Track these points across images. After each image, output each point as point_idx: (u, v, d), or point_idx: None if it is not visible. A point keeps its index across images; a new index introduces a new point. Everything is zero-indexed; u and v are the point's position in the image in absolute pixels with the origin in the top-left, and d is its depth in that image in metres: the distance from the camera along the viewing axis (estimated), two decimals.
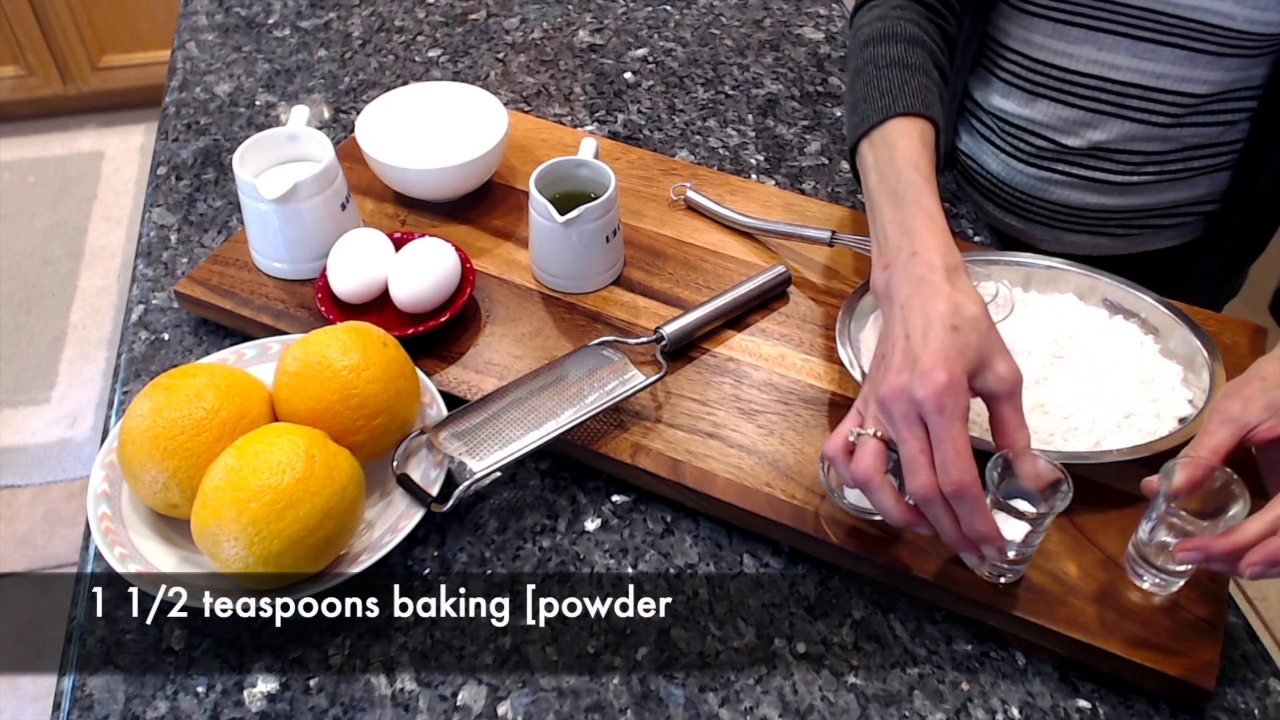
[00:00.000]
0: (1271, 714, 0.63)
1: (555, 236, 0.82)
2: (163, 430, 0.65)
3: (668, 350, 0.78)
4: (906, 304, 0.63)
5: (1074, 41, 0.85)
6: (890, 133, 0.74)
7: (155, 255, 0.92)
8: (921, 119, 0.74)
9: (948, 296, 0.62)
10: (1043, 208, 0.96)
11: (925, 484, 0.59)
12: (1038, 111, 0.90)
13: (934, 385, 0.58)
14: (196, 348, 0.84)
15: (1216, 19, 0.78)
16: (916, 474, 0.59)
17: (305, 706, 0.62)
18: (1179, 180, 0.91)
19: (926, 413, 0.59)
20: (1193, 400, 0.74)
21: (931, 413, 0.58)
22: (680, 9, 1.26)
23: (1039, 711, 0.63)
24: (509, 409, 0.72)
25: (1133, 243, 0.97)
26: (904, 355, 0.61)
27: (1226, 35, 0.79)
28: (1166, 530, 0.62)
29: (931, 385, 0.58)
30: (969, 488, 0.58)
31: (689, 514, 0.73)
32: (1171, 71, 0.83)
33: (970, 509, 0.58)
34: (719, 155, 1.04)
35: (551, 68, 1.17)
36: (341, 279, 0.80)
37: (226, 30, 1.23)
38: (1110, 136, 0.88)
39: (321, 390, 0.67)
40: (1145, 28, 0.82)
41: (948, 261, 0.65)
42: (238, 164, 0.83)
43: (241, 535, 0.60)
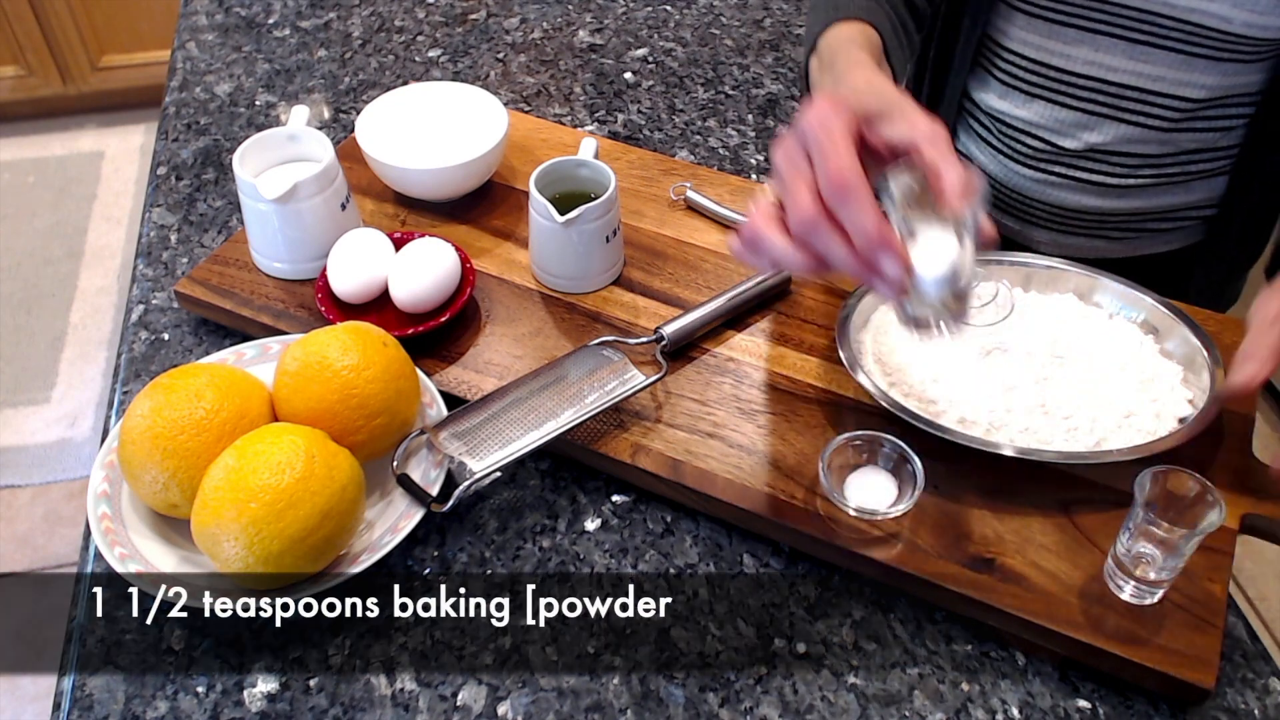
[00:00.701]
0: (1271, 714, 0.63)
1: (555, 236, 0.82)
2: (163, 430, 0.65)
3: (668, 350, 0.78)
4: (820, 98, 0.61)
5: (1071, 42, 0.85)
6: (833, 34, 0.74)
7: (155, 255, 0.92)
8: (862, 23, 0.75)
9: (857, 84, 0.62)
10: (1040, 210, 0.96)
11: (805, 203, 0.54)
12: (1034, 112, 0.90)
13: (815, 111, 0.55)
14: (196, 348, 0.84)
15: (1214, 22, 0.78)
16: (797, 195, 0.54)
17: (305, 706, 0.62)
18: (1175, 184, 0.91)
19: (808, 137, 0.55)
20: (1193, 400, 0.74)
21: (811, 132, 0.55)
22: (680, 9, 1.26)
23: (1039, 711, 0.63)
24: (509, 409, 0.72)
25: (1130, 246, 0.97)
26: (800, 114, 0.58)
27: (1223, 39, 0.79)
28: (1145, 540, 0.62)
29: (813, 112, 0.56)
30: (849, 179, 0.53)
31: (689, 514, 0.73)
32: (1168, 75, 0.83)
33: (856, 208, 0.53)
34: (719, 155, 1.04)
35: (551, 68, 1.17)
36: (341, 279, 0.80)
37: (226, 30, 1.23)
38: (1106, 139, 0.88)
39: (321, 390, 0.67)
40: (1142, 30, 0.82)
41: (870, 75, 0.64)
42: (238, 164, 0.83)
43: (241, 535, 0.60)
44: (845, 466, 0.70)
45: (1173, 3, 0.79)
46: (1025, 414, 0.72)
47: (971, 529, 0.68)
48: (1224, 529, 0.67)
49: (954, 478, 0.71)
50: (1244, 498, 0.70)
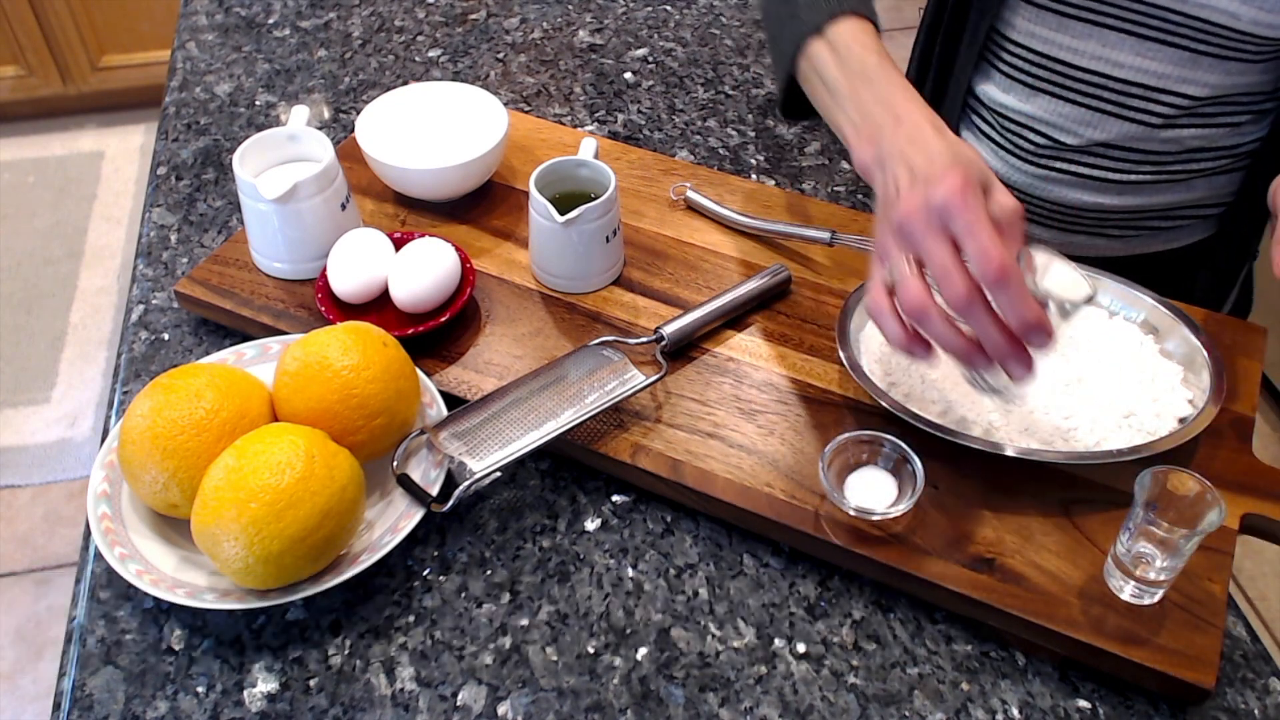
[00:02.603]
0: (1271, 714, 0.63)
1: (555, 236, 0.82)
2: (163, 430, 0.65)
3: (668, 350, 0.78)
4: (904, 152, 0.62)
5: (1079, 36, 0.85)
6: (845, 29, 0.73)
7: (155, 255, 0.92)
8: (869, 20, 0.74)
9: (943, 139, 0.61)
10: (1041, 207, 0.96)
11: (962, 287, 0.55)
12: (1038, 107, 0.90)
13: (951, 185, 0.56)
14: (196, 348, 0.84)
15: (1221, 18, 0.78)
16: (951, 280, 0.55)
17: (305, 706, 0.62)
18: (1176, 182, 0.91)
19: (951, 213, 0.56)
20: (1193, 400, 0.74)
21: (956, 210, 0.56)
22: (680, 9, 1.26)
23: (1039, 711, 0.63)
24: (509, 409, 0.72)
25: (1132, 244, 0.97)
26: (910, 180, 0.59)
27: (1230, 36, 0.79)
28: (1145, 540, 0.63)
29: (949, 186, 0.56)
30: (1010, 270, 0.54)
31: (689, 514, 0.73)
32: (1173, 72, 0.83)
33: (1016, 295, 0.55)
34: (719, 155, 1.04)
35: (551, 68, 1.17)
36: (341, 279, 0.80)
37: (226, 30, 1.23)
38: (1109, 136, 0.88)
39: (321, 390, 0.67)
40: (1150, 25, 0.82)
41: (935, 124, 0.64)
42: (238, 164, 0.83)
43: (241, 535, 0.60)
44: (845, 466, 0.70)
45: None
46: (1025, 414, 0.72)
47: (971, 529, 0.68)
48: (1224, 529, 0.67)
49: (954, 478, 0.71)
50: (1244, 498, 0.70)
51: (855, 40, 0.73)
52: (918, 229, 0.58)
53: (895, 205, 0.60)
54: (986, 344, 0.57)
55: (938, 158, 0.60)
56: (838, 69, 0.72)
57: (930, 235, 0.57)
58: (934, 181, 0.57)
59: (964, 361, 0.60)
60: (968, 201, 0.56)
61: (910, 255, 0.59)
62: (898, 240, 0.60)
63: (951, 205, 0.56)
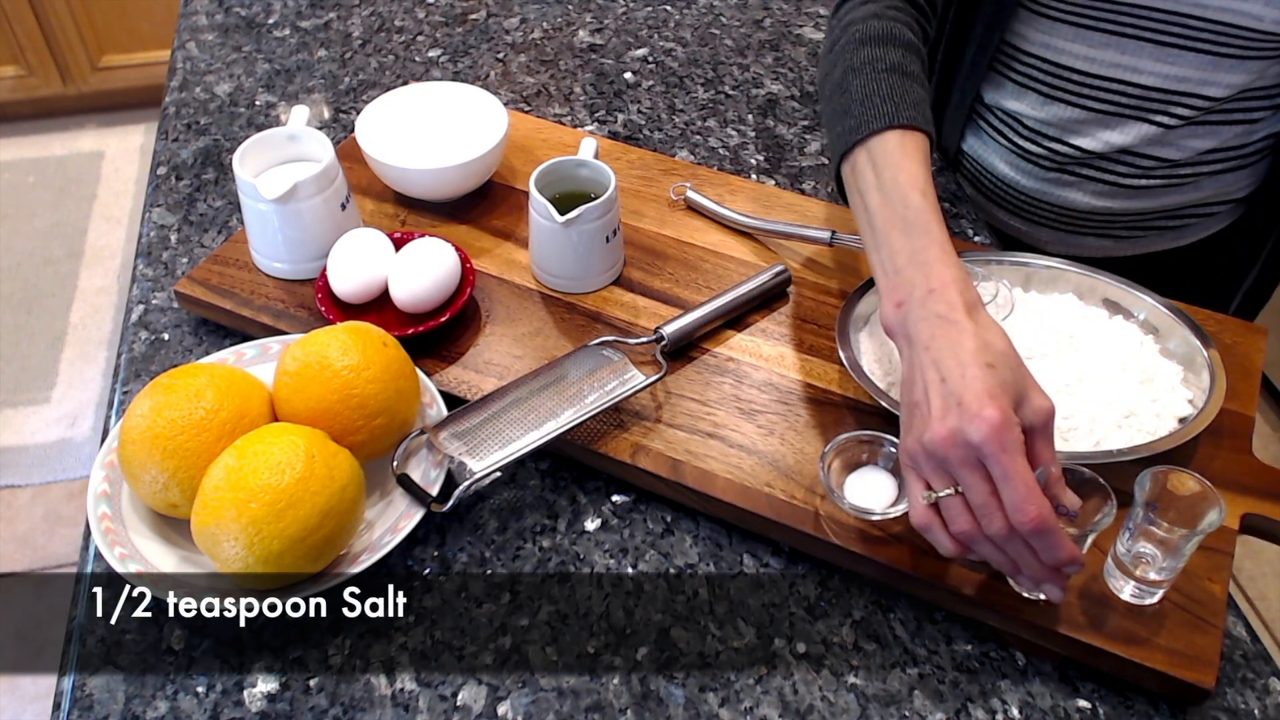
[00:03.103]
0: (1271, 714, 0.63)
1: (555, 236, 0.82)
2: (163, 430, 0.65)
3: (668, 350, 0.78)
4: (932, 345, 0.61)
5: (1097, 46, 0.84)
6: (892, 147, 0.70)
7: (155, 255, 0.92)
8: (922, 133, 0.71)
9: (974, 334, 0.60)
10: (1049, 210, 0.96)
11: (1002, 528, 0.57)
12: (1053, 114, 0.90)
13: (988, 425, 0.56)
14: (196, 348, 0.84)
15: (1245, 21, 0.78)
16: (992, 519, 0.57)
17: (305, 706, 0.62)
18: (1186, 183, 0.91)
19: (987, 455, 0.57)
20: (1193, 400, 0.74)
21: (993, 454, 0.56)
22: (680, 9, 1.26)
23: (1039, 711, 0.63)
24: (509, 409, 0.72)
25: (1136, 245, 0.97)
26: (944, 399, 0.59)
27: (1253, 37, 0.79)
28: (1145, 540, 0.62)
29: (986, 426, 0.56)
30: (1048, 521, 0.56)
31: (689, 514, 0.73)
32: (1193, 75, 0.83)
33: (1052, 542, 0.57)
34: (719, 155, 1.04)
35: (551, 68, 1.17)
36: (341, 279, 0.80)
37: (226, 30, 1.23)
38: (1128, 140, 0.88)
39: (321, 390, 0.67)
40: (1171, 32, 0.81)
41: (967, 298, 0.62)
42: (238, 164, 0.83)
43: (241, 535, 0.60)
44: (845, 466, 0.70)
45: (1204, 3, 0.78)
46: None
47: None
48: (1224, 529, 0.67)
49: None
50: (1244, 498, 0.70)
51: (902, 167, 0.69)
52: (953, 460, 0.58)
53: (927, 424, 0.59)
54: (1024, 570, 0.59)
55: (972, 376, 0.58)
56: (878, 197, 0.69)
57: (966, 469, 0.58)
58: (969, 415, 0.57)
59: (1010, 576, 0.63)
60: (1004, 445, 0.56)
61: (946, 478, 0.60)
62: (929, 461, 0.60)
63: (987, 449, 0.57)
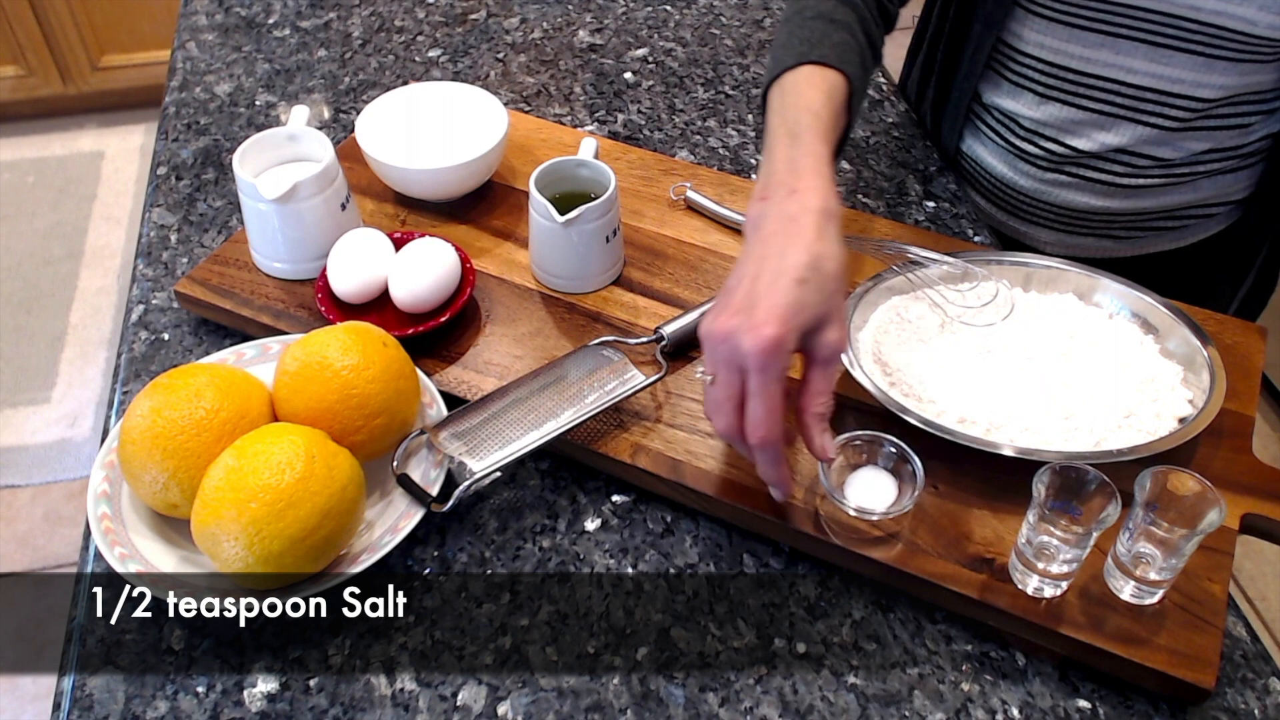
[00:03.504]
0: (1271, 714, 0.63)
1: (555, 236, 0.82)
2: (163, 430, 0.65)
3: (668, 350, 0.78)
4: (768, 240, 0.63)
5: (1091, 46, 0.85)
6: (800, 79, 0.74)
7: (155, 255, 0.92)
8: (834, 71, 0.74)
9: (808, 245, 0.62)
10: (1047, 210, 0.96)
11: (726, 427, 0.62)
12: (1048, 114, 0.90)
13: (760, 341, 0.58)
14: (196, 348, 0.84)
15: (1238, 24, 0.78)
16: (719, 416, 0.62)
17: (305, 706, 0.62)
18: (1183, 183, 0.91)
19: (748, 367, 0.59)
20: (1193, 400, 0.74)
21: (753, 369, 0.59)
22: (680, 9, 1.26)
23: (1039, 711, 0.63)
24: (509, 409, 0.72)
25: (1135, 245, 0.97)
26: (744, 298, 0.61)
27: (1246, 41, 0.79)
28: (1145, 540, 0.62)
29: (758, 340, 0.58)
30: (772, 444, 0.61)
31: (689, 514, 0.73)
32: (1186, 76, 0.83)
33: (770, 459, 0.62)
34: (719, 155, 1.04)
35: (551, 68, 1.17)
36: (341, 279, 0.80)
37: (226, 30, 1.23)
38: (1122, 140, 0.88)
39: (321, 390, 0.67)
40: (1164, 34, 0.81)
41: (825, 206, 0.64)
42: (238, 164, 0.83)
43: (241, 535, 0.60)
44: (845, 466, 0.70)
45: (1198, 6, 0.79)
46: (1025, 414, 0.72)
47: (971, 529, 0.68)
48: (1224, 529, 0.67)
49: (954, 478, 0.71)
50: (1244, 498, 0.70)
51: (801, 94, 0.73)
52: (719, 354, 0.61)
53: (720, 313, 0.61)
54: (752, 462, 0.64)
55: (778, 288, 0.60)
56: (777, 119, 0.73)
57: (724, 367, 0.61)
58: (751, 325, 0.59)
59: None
60: (766, 365, 0.59)
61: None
62: (706, 343, 0.62)
63: (750, 362, 0.59)
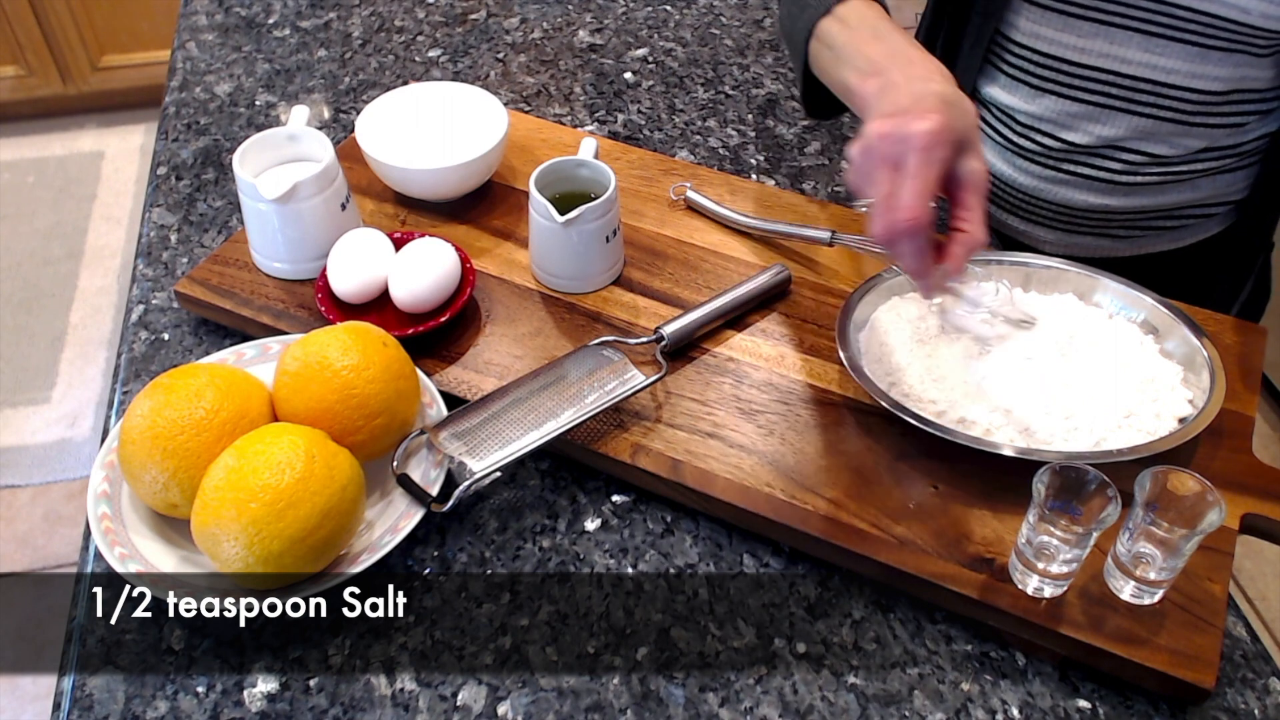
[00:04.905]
0: (1271, 714, 0.63)
1: (555, 236, 0.82)
2: (163, 430, 0.65)
3: (668, 350, 0.78)
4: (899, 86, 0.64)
5: (1085, 35, 0.85)
6: (853, 8, 0.76)
7: (155, 255, 0.92)
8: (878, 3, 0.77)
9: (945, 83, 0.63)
10: (1046, 209, 0.96)
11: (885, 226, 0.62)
12: (1043, 107, 0.90)
13: (927, 122, 0.58)
14: (196, 348, 0.84)
15: (1232, 13, 0.78)
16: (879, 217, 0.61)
17: (305, 706, 0.62)
18: (1181, 182, 0.91)
19: (911, 149, 0.59)
20: (1193, 400, 0.74)
21: (916, 148, 0.59)
22: (680, 9, 1.26)
23: (1039, 711, 0.63)
24: (509, 409, 0.72)
25: (1135, 245, 0.97)
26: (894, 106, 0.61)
27: (1240, 31, 0.79)
28: (1145, 540, 0.62)
29: (925, 122, 0.58)
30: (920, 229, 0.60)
31: (689, 514, 0.73)
32: (1182, 67, 0.83)
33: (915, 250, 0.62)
34: (719, 155, 1.04)
35: (551, 68, 1.17)
36: (341, 279, 0.80)
37: (226, 30, 1.23)
38: (1118, 132, 0.88)
39: (321, 390, 0.67)
40: (1159, 23, 0.82)
41: (944, 71, 0.66)
42: (238, 164, 0.83)
43: (241, 535, 0.60)
44: None
45: None
46: (1025, 414, 0.72)
47: (971, 529, 0.68)
48: (1224, 529, 0.67)
49: (954, 478, 0.71)
50: (1244, 498, 0.70)
51: (864, 14, 0.75)
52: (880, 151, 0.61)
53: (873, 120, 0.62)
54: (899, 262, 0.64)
55: (930, 97, 0.61)
56: (846, 35, 0.75)
57: (886, 166, 0.60)
58: (917, 115, 0.60)
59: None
60: (929, 149, 0.58)
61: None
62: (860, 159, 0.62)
63: (916, 142, 0.59)
